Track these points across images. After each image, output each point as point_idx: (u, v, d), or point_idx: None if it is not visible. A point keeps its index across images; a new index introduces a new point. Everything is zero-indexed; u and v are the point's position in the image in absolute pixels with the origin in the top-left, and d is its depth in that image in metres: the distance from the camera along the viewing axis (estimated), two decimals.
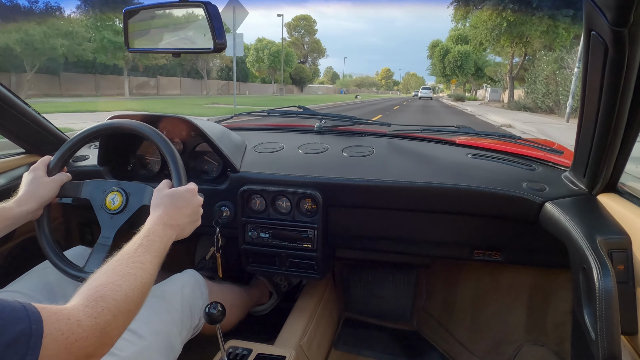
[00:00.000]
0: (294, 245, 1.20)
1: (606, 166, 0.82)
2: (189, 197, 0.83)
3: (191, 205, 0.82)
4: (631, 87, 0.67)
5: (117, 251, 0.67)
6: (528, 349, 1.38)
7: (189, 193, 0.83)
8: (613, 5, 0.57)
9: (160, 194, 0.82)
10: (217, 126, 1.25)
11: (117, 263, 0.62)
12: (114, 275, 0.58)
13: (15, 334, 0.41)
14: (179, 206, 0.80)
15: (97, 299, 0.53)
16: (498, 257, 1.18)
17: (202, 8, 0.85)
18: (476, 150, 1.29)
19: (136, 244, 0.67)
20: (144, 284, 0.62)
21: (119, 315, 0.54)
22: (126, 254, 0.64)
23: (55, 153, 0.96)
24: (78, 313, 0.49)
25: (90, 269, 0.88)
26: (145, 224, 0.75)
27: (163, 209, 0.78)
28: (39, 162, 0.94)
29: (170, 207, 0.78)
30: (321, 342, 1.36)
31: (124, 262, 0.62)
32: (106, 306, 0.53)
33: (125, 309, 0.56)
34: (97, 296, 0.53)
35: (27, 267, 0.99)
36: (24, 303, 0.45)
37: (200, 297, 1.05)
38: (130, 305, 0.57)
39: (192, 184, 0.87)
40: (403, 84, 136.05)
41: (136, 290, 0.59)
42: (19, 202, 0.86)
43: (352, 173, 1.15)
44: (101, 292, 0.54)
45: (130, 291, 0.58)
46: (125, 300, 0.56)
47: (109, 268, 0.60)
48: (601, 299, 0.65)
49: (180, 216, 0.79)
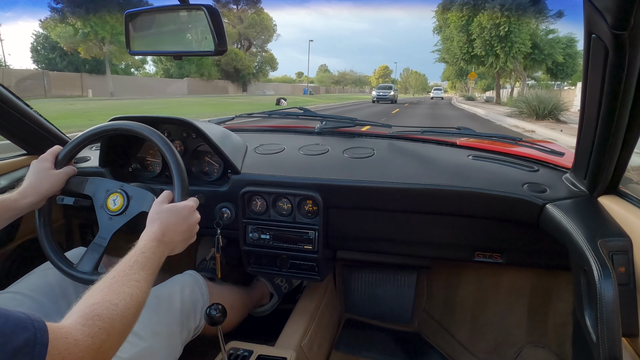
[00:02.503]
0: (294, 246, 1.20)
1: (607, 168, 0.82)
2: (186, 215, 0.82)
3: (187, 223, 0.81)
4: (632, 90, 0.67)
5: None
6: (529, 350, 1.38)
7: (187, 210, 0.82)
8: (613, 9, 0.57)
9: (159, 207, 0.81)
10: (218, 128, 1.25)
11: (113, 280, 0.61)
12: (111, 294, 0.58)
13: (21, 342, 0.42)
14: (174, 223, 0.79)
15: (93, 317, 0.53)
16: (499, 259, 1.18)
17: (203, 11, 0.85)
18: (477, 151, 1.29)
19: (132, 261, 0.67)
20: (139, 302, 0.62)
21: (114, 334, 0.54)
22: (121, 272, 0.64)
23: (65, 145, 0.97)
24: (76, 332, 0.49)
25: (82, 268, 0.89)
26: (140, 238, 0.74)
27: (158, 225, 0.77)
28: (47, 153, 0.94)
29: (166, 224, 0.78)
30: (322, 343, 1.36)
31: (120, 279, 0.62)
32: (103, 325, 0.53)
33: (120, 328, 0.56)
34: (94, 315, 0.53)
35: (29, 268, 0.99)
36: (27, 313, 0.45)
37: (200, 298, 1.05)
38: (125, 325, 0.57)
39: (192, 200, 0.86)
40: (401, 83, 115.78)
41: (132, 309, 0.59)
42: (23, 193, 0.87)
43: (353, 174, 1.15)
44: (98, 311, 0.54)
45: (126, 310, 0.57)
46: (121, 319, 0.56)
47: (104, 285, 0.60)
48: (602, 301, 0.65)
49: (174, 234, 0.78)
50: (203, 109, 14.14)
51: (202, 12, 0.85)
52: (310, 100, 26.63)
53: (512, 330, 1.41)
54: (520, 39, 19.91)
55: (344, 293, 1.60)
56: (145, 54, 1.03)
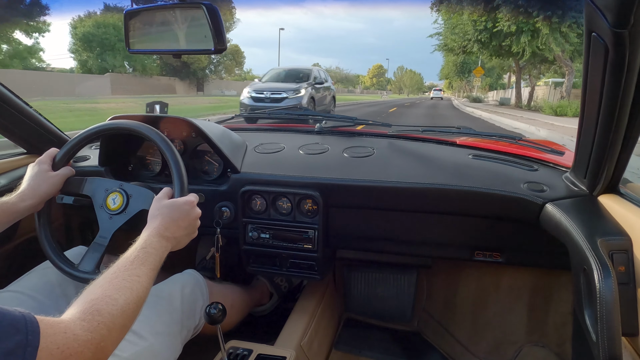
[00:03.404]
0: (294, 245, 1.20)
1: (607, 167, 0.82)
2: (187, 210, 0.81)
3: (188, 218, 0.81)
4: (632, 88, 0.67)
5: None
6: (529, 349, 1.38)
7: (188, 205, 0.82)
8: (613, 7, 0.57)
9: (159, 203, 0.81)
10: (217, 127, 1.25)
11: (113, 275, 0.61)
12: (111, 289, 0.58)
13: (12, 345, 0.41)
14: (176, 218, 0.79)
15: (93, 312, 0.52)
16: (499, 258, 1.18)
17: (202, 9, 0.85)
18: (477, 150, 1.29)
19: (132, 256, 0.67)
20: (140, 297, 0.61)
21: (114, 329, 0.54)
22: (122, 267, 0.64)
23: (62, 147, 0.97)
24: (75, 327, 0.49)
25: (83, 268, 0.89)
26: (141, 234, 0.74)
27: (160, 220, 0.77)
28: (44, 155, 0.94)
29: (167, 219, 0.78)
30: (322, 342, 1.36)
31: (120, 274, 0.62)
32: (102, 320, 0.52)
33: (120, 323, 0.55)
34: (94, 310, 0.53)
35: (29, 267, 0.99)
36: (23, 312, 0.45)
37: (200, 297, 1.05)
38: (126, 320, 0.57)
39: (192, 195, 0.86)
40: (395, 83, 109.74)
41: (132, 304, 0.59)
42: (22, 197, 0.87)
43: (353, 174, 1.15)
44: (97, 306, 0.53)
45: (126, 305, 0.57)
46: (121, 314, 0.56)
47: (104, 280, 0.60)
48: (602, 301, 0.65)
49: (176, 228, 0.78)
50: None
51: (201, 10, 0.85)
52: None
53: (512, 330, 1.41)
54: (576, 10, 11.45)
55: (344, 292, 1.60)
56: (144, 53, 1.02)
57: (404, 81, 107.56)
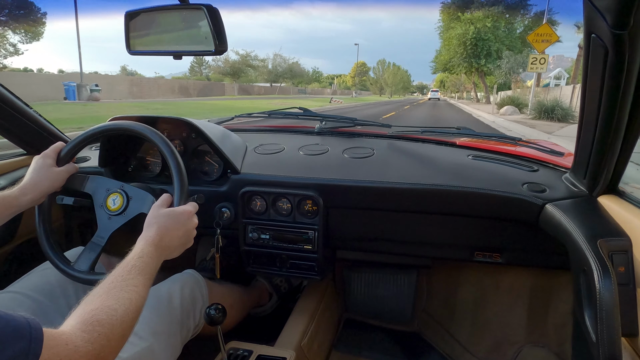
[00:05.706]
0: (294, 246, 1.20)
1: (607, 168, 0.82)
2: (184, 220, 0.81)
3: (184, 228, 0.80)
4: (631, 90, 0.67)
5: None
6: (529, 350, 1.38)
7: (185, 216, 0.81)
8: (613, 8, 0.57)
9: (157, 212, 0.80)
10: (217, 127, 1.25)
11: (111, 285, 0.61)
12: (110, 299, 0.58)
13: (15, 352, 0.42)
14: (172, 228, 0.78)
15: (93, 323, 0.53)
16: (498, 259, 1.18)
17: (203, 11, 0.85)
18: (476, 151, 1.29)
19: (129, 266, 0.66)
20: (138, 307, 0.62)
21: (114, 339, 0.54)
22: (119, 276, 0.64)
23: (68, 143, 0.96)
24: (76, 339, 0.50)
25: (79, 267, 0.89)
26: (137, 243, 0.74)
27: (156, 230, 0.76)
28: (49, 150, 0.94)
29: (163, 229, 0.77)
30: (322, 343, 1.36)
31: (119, 284, 0.62)
32: (102, 331, 0.53)
33: (119, 333, 0.56)
34: (94, 320, 0.53)
35: (29, 268, 0.99)
36: (28, 318, 0.45)
37: (200, 297, 1.05)
38: (125, 330, 0.58)
39: (191, 204, 0.86)
40: (373, 80, 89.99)
41: (131, 314, 0.59)
42: (23, 190, 0.86)
43: (353, 174, 1.15)
44: (98, 317, 0.54)
45: (125, 315, 0.58)
46: (120, 324, 0.56)
47: (103, 291, 0.60)
48: (602, 301, 0.65)
49: (170, 238, 0.77)
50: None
51: (202, 11, 0.85)
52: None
53: (512, 330, 1.41)
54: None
55: (344, 293, 1.60)
56: (145, 54, 1.02)
57: (385, 78, 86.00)
